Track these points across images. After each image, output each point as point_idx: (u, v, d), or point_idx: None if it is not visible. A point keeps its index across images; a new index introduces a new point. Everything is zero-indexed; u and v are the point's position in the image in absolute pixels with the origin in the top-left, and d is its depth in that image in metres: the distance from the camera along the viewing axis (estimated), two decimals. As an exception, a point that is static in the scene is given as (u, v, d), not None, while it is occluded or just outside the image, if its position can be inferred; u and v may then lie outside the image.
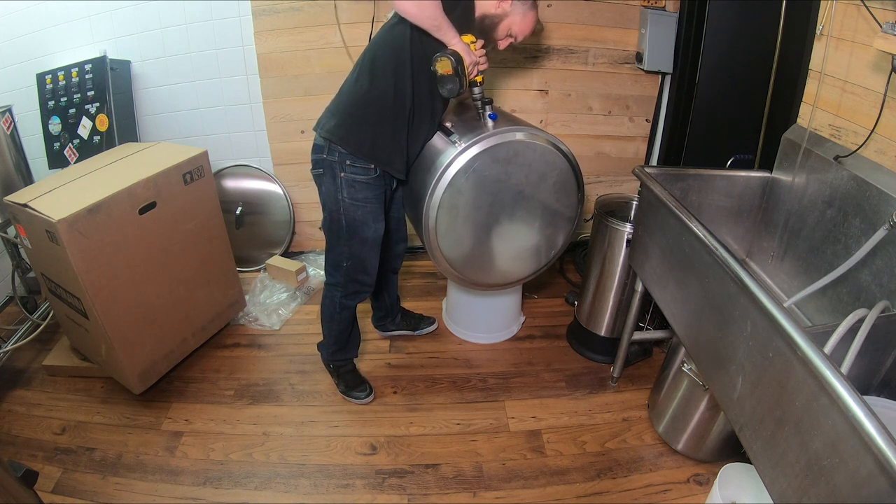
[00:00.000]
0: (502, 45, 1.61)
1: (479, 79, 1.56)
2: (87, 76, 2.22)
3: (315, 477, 1.63)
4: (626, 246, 1.83)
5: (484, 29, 1.55)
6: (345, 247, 1.64)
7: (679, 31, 2.22)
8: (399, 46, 1.46)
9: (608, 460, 1.69)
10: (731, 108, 2.04)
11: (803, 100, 1.60)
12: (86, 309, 1.68)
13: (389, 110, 1.51)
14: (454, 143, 1.59)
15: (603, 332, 2.06)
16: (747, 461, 1.22)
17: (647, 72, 2.41)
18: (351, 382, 1.91)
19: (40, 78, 2.26)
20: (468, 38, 1.49)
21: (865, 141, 1.34)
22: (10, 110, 1.97)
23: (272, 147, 2.55)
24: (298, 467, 1.66)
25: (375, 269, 1.72)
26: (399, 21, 1.46)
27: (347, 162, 1.53)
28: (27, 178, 2.05)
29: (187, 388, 1.96)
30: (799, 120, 1.63)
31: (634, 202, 2.02)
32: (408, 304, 2.30)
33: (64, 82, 2.24)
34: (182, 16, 2.28)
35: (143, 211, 1.73)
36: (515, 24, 1.55)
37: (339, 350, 1.86)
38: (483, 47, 1.54)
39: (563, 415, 1.86)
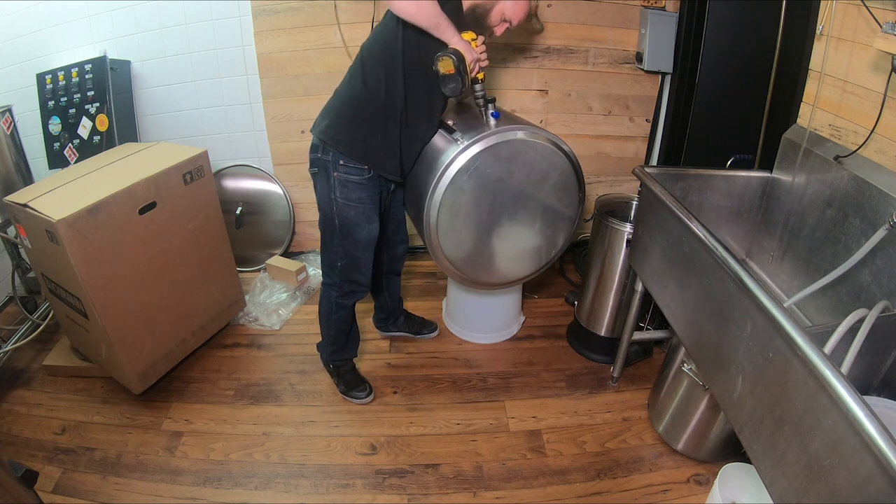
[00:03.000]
0: (499, 31, 1.58)
1: (480, 76, 1.55)
2: (87, 76, 2.23)
3: (315, 477, 1.63)
4: (626, 246, 1.83)
5: (476, 18, 1.53)
6: (339, 246, 1.64)
7: (679, 31, 2.22)
8: (390, 46, 1.45)
9: (608, 460, 1.69)
10: (731, 108, 2.04)
11: (803, 100, 1.60)
12: (86, 309, 1.68)
13: (381, 111, 1.50)
14: (456, 140, 1.59)
15: (603, 332, 2.06)
16: (747, 461, 1.22)
17: (647, 72, 2.41)
18: (350, 382, 1.91)
19: (40, 78, 2.26)
20: (469, 35, 1.48)
21: (865, 141, 1.34)
22: (10, 110, 1.97)
23: (272, 147, 2.55)
24: (298, 467, 1.66)
25: (370, 269, 1.72)
26: (390, 20, 1.46)
27: (341, 162, 1.53)
28: (27, 178, 2.05)
29: (187, 388, 1.96)
30: (799, 120, 1.63)
31: (634, 202, 2.02)
32: (408, 304, 2.30)
33: (64, 82, 2.24)
34: (182, 16, 2.28)
35: (143, 211, 1.73)
36: (508, 8, 1.53)
37: (337, 350, 1.86)
38: (481, 35, 1.52)
39: (563, 415, 1.86)
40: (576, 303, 2.18)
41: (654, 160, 2.59)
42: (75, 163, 2.23)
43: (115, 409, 1.87)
